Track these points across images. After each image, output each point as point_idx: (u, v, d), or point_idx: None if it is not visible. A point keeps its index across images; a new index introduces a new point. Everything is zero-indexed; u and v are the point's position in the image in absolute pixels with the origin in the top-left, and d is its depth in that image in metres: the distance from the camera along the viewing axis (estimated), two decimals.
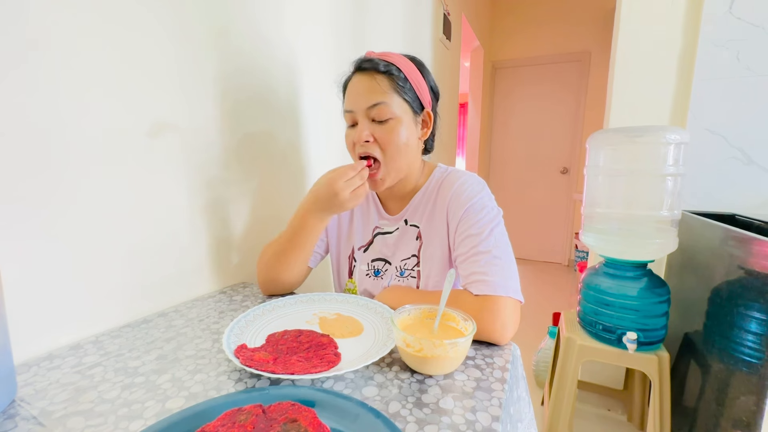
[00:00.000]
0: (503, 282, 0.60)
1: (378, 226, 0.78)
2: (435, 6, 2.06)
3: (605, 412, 1.48)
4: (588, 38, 3.24)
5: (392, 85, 0.66)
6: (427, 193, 0.74)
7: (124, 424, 0.39)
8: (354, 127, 0.69)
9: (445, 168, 0.76)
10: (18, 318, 0.49)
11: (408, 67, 0.69)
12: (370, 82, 0.66)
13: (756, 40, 1.24)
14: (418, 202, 0.74)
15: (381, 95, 0.66)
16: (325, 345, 0.52)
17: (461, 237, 0.66)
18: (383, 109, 0.66)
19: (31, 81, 0.50)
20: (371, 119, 0.67)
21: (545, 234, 3.63)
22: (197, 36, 0.73)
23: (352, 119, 0.69)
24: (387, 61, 0.67)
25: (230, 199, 0.84)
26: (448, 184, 0.71)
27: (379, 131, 0.67)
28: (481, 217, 0.66)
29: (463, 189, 0.69)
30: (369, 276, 0.77)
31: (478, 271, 0.62)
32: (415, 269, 0.73)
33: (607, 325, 1.08)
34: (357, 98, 0.67)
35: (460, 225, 0.67)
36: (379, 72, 0.66)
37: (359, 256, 0.79)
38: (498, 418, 0.40)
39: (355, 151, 0.70)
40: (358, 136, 0.67)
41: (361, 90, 0.67)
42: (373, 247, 0.78)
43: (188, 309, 0.69)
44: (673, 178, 1.02)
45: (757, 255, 0.84)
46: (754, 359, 0.83)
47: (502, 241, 0.64)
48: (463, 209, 0.67)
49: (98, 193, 0.59)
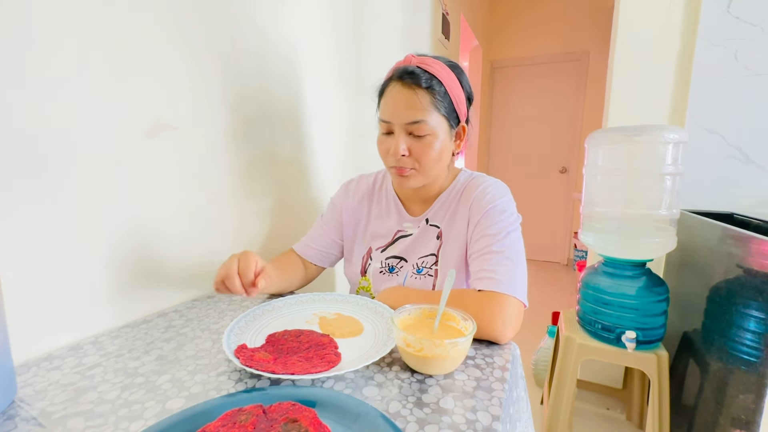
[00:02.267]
0: (511, 282, 0.60)
1: (401, 230, 0.78)
2: (434, 6, 2.06)
3: (604, 411, 1.49)
4: (587, 38, 3.24)
5: (433, 102, 0.66)
6: (451, 196, 0.75)
7: (124, 424, 0.39)
8: (389, 135, 0.69)
9: (470, 173, 0.77)
10: (18, 319, 0.48)
11: (449, 80, 0.68)
12: (411, 97, 0.65)
13: (754, 39, 1.25)
14: (441, 204, 0.75)
15: (421, 113, 0.65)
16: (326, 345, 0.52)
17: (477, 236, 0.67)
18: (422, 126, 0.66)
19: (32, 82, 0.50)
20: (408, 132, 0.67)
21: (544, 233, 3.63)
22: (198, 37, 0.72)
23: (388, 128, 0.69)
24: (430, 73, 0.66)
25: (230, 199, 0.84)
26: (473, 187, 0.73)
27: (415, 146, 0.67)
28: (500, 220, 0.67)
29: (487, 192, 0.70)
30: (383, 273, 0.78)
31: (487, 268, 0.62)
32: (432, 268, 0.74)
33: (606, 324, 1.08)
34: (396, 111, 0.67)
35: (479, 225, 0.68)
36: (420, 87, 0.65)
37: (376, 255, 0.80)
38: (498, 417, 0.40)
39: (387, 158, 0.70)
40: (395, 149, 0.67)
41: (401, 103, 0.66)
42: (392, 248, 0.79)
43: (188, 309, 0.69)
44: (671, 177, 1.02)
45: (755, 254, 0.85)
46: (752, 357, 0.83)
47: (516, 245, 0.65)
48: (484, 210, 0.68)
49: (98, 194, 0.59)
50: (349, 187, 0.86)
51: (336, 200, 0.85)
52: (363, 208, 0.83)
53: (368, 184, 0.85)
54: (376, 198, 0.83)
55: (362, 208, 0.83)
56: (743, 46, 1.26)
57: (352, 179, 0.88)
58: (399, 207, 0.79)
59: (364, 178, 0.87)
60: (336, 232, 0.84)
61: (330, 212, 0.85)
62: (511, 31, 3.53)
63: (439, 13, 2.13)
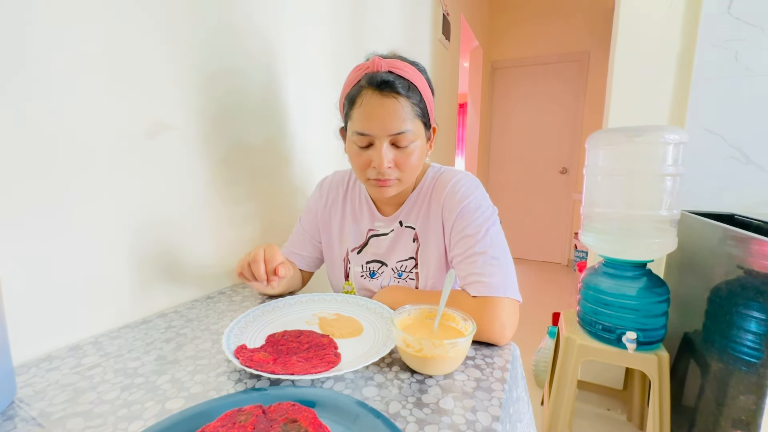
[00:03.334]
0: (501, 283, 0.60)
1: (372, 228, 0.77)
2: (434, 6, 2.06)
3: (605, 412, 1.48)
4: (587, 38, 3.24)
5: (413, 109, 0.64)
6: (421, 194, 0.73)
7: (123, 424, 0.39)
8: (367, 149, 0.65)
9: (438, 167, 0.76)
10: (17, 319, 0.48)
11: (421, 83, 0.66)
12: (393, 107, 0.62)
13: (754, 40, 1.25)
14: (413, 204, 0.74)
15: (405, 122, 0.62)
16: (325, 345, 0.52)
17: (457, 237, 0.66)
18: (406, 136, 0.63)
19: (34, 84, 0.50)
20: (391, 143, 0.64)
21: (544, 234, 3.63)
22: (197, 37, 0.72)
23: (368, 141, 0.64)
24: (406, 79, 0.63)
25: (229, 200, 0.84)
26: (442, 184, 0.71)
27: (399, 156, 0.65)
28: (477, 217, 0.65)
29: (457, 189, 0.68)
30: (364, 278, 0.77)
31: (475, 272, 0.62)
32: (413, 271, 0.73)
33: (606, 324, 1.08)
34: (379, 123, 0.62)
35: (456, 225, 0.67)
36: (401, 95, 0.62)
37: (353, 257, 0.78)
38: (498, 418, 0.40)
39: (366, 171, 0.66)
40: (379, 163, 0.63)
41: (383, 115, 0.62)
42: (367, 249, 0.77)
43: (188, 310, 0.69)
44: (672, 177, 1.02)
45: (755, 254, 0.85)
46: (753, 358, 0.83)
47: (498, 240, 0.64)
48: (457, 209, 0.67)
49: (97, 194, 0.59)
50: (323, 187, 0.83)
51: (312, 203, 0.83)
52: (337, 209, 0.80)
53: (343, 181, 0.82)
54: (350, 197, 0.80)
55: (336, 209, 0.80)
56: (744, 46, 1.26)
57: (326, 177, 0.85)
58: (371, 207, 0.77)
59: (339, 175, 0.83)
60: (316, 235, 0.82)
61: (307, 216, 0.83)
62: (512, 31, 3.53)
63: (440, 14, 2.14)
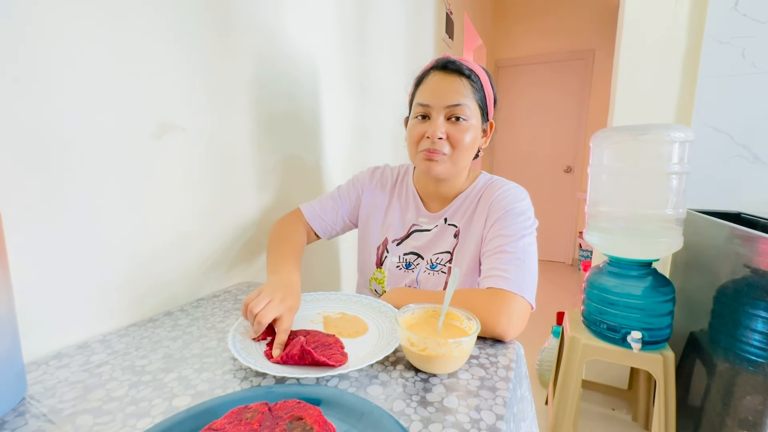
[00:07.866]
0: (519, 281, 0.61)
1: (416, 224, 0.80)
2: (437, 5, 2.06)
3: (610, 412, 1.48)
4: (592, 36, 3.22)
5: (472, 90, 0.69)
6: (470, 197, 0.76)
7: (131, 421, 0.39)
8: (424, 119, 0.71)
9: (490, 176, 0.79)
10: (28, 317, 0.49)
11: (483, 77, 0.72)
12: (453, 82, 0.68)
13: (762, 37, 1.23)
14: (460, 204, 0.76)
15: (463, 97, 0.68)
16: (332, 345, 0.52)
17: (492, 235, 0.68)
18: (462, 109, 0.68)
19: (36, 84, 0.51)
20: (447, 117, 0.69)
21: (549, 233, 3.61)
22: (202, 37, 0.73)
23: (425, 112, 0.70)
24: (469, 66, 0.70)
25: (235, 199, 0.84)
26: (492, 190, 0.74)
27: (453, 130, 0.69)
28: (517, 222, 0.68)
29: (506, 194, 0.72)
30: (399, 268, 0.79)
31: (497, 266, 0.63)
32: (446, 265, 0.75)
33: (611, 324, 1.07)
34: (438, 94, 0.69)
35: (495, 225, 0.69)
36: (463, 75, 0.68)
37: (392, 248, 0.81)
38: (502, 416, 0.40)
39: (419, 143, 0.71)
40: (433, 131, 0.68)
41: (444, 88, 0.68)
42: (408, 242, 0.80)
43: (194, 308, 0.70)
44: (677, 176, 1.02)
45: (762, 253, 0.84)
46: (760, 358, 0.83)
47: (529, 249, 0.66)
48: (502, 211, 0.69)
49: (106, 193, 0.59)
50: (375, 173, 0.87)
51: (360, 179, 0.86)
52: (384, 197, 0.84)
53: (393, 174, 0.86)
54: (398, 190, 0.84)
55: (384, 197, 0.84)
56: (751, 43, 1.24)
57: (378, 166, 0.89)
58: (417, 202, 0.81)
59: (389, 169, 0.88)
60: (349, 210, 0.85)
61: (349, 188, 0.86)
62: (516, 30, 3.51)
63: (443, 13, 2.13)
